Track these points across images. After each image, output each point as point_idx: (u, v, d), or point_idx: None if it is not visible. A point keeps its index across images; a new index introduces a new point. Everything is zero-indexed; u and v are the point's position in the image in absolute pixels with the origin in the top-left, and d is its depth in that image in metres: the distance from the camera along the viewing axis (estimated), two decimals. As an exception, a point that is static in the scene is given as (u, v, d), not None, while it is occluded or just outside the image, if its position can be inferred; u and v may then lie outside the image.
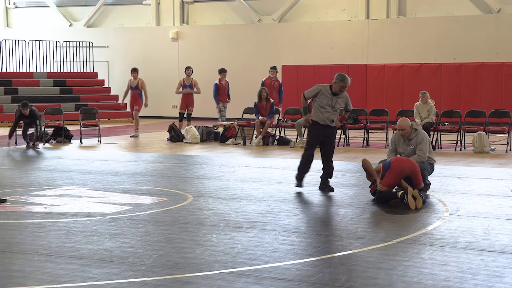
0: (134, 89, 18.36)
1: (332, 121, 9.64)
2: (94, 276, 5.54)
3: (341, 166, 12.60)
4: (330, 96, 9.66)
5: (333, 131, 9.78)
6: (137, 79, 18.37)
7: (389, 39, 23.50)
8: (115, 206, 8.56)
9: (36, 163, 13.32)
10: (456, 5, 22.97)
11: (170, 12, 26.95)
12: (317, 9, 24.80)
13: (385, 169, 8.61)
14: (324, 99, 9.65)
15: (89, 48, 27.24)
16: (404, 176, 8.56)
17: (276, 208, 8.38)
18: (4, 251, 6.36)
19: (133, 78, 18.37)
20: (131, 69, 18.65)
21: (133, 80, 18.38)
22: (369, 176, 8.83)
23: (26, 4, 29.57)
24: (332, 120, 9.64)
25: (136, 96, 18.43)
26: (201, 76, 25.32)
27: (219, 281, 5.40)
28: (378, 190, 8.62)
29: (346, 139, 16.24)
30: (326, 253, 6.25)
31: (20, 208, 8.48)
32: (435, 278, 5.46)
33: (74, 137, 17.53)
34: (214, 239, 6.78)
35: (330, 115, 9.63)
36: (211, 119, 23.03)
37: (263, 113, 16.54)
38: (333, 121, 9.65)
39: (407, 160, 8.81)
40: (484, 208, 8.36)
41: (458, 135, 15.25)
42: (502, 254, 6.19)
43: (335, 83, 9.69)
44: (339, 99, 9.71)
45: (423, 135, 9.32)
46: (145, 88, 18.50)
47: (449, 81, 21.90)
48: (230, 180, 10.73)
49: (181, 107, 18.39)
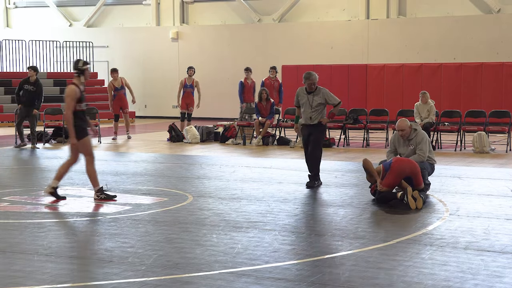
0: (120, 89, 17.94)
1: (310, 119, 10.05)
2: (94, 276, 5.54)
3: (341, 166, 12.60)
4: (306, 96, 10.10)
5: (316, 128, 10.11)
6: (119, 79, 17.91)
7: (389, 39, 23.50)
8: (115, 206, 8.56)
9: (36, 163, 13.31)
10: (456, 5, 22.97)
11: (170, 12, 26.95)
12: (317, 9, 24.80)
13: (386, 170, 8.61)
14: (302, 99, 10.15)
15: (89, 48, 27.24)
16: (404, 176, 8.55)
17: (276, 208, 8.38)
18: (5, 251, 6.36)
19: (113, 78, 17.83)
20: (111, 69, 18.23)
21: (113, 80, 17.94)
22: (369, 177, 8.83)
23: (26, 4, 29.58)
24: (310, 118, 10.04)
25: (122, 96, 18.12)
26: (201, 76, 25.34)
27: (219, 281, 5.40)
28: (378, 190, 8.62)
29: (346, 139, 16.24)
30: (326, 253, 6.25)
31: (20, 208, 8.48)
32: (435, 278, 5.46)
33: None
34: (214, 239, 6.78)
35: (308, 113, 10.06)
36: (211, 119, 23.03)
37: (263, 113, 16.54)
38: (310, 118, 10.05)
39: (407, 160, 8.80)
40: (484, 208, 8.36)
41: (458, 135, 15.26)
42: (502, 254, 6.20)
43: (304, 82, 10.13)
44: (315, 96, 10.08)
45: (422, 135, 9.32)
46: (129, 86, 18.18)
47: (449, 81, 21.89)
48: (230, 180, 10.73)
49: (182, 107, 18.29)
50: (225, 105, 25.08)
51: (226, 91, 25.55)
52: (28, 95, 15.57)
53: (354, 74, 23.13)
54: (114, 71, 18.01)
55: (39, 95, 15.72)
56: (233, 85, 25.63)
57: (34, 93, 15.61)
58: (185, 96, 18.26)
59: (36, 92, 15.62)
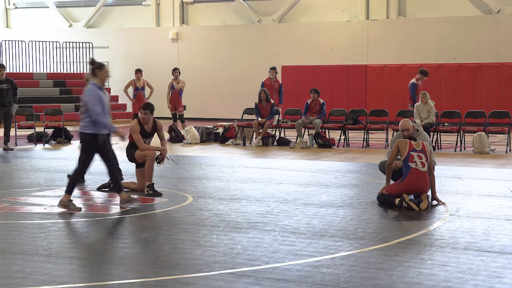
0: (140, 90, 18.19)
1: None
2: (94, 276, 5.54)
3: (341, 167, 12.60)
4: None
5: None
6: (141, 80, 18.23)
7: (389, 40, 23.50)
8: (115, 206, 8.56)
9: (36, 163, 13.30)
10: (456, 6, 22.98)
11: (170, 13, 26.96)
12: (317, 10, 24.80)
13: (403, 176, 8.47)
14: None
15: (89, 49, 27.23)
16: (410, 194, 8.49)
17: (276, 208, 8.38)
18: (4, 252, 6.36)
19: (137, 78, 18.23)
20: (136, 69, 18.53)
21: (137, 80, 18.21)
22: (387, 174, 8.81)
23: (26, 5, 29.57)
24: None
25: (141, 97, 18.18)
26: (201, 76, 25.37)
27: (219, 281, 5.39)
28: (380, 192, 8.65)
29: (346, 139, 16.24)
30: (326, 253, 6.25)
31: (20, 209, 8.48)
32: (435, 279, 5.46)
33: (74, 137, 17.51)
34: (214, 239, 6.78)
35: None
36: (211, 120, 23.02)
37: (263, 114, 16.54)
38: None
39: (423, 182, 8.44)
40: (484, 208, 8.36)
41: (458, 135, 15.26)
42: (502, 255, 6.19)
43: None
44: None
45: (424, 135, 9.31)
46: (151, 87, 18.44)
47: (449, 82, 21.90)
48: (230, 180, 10.73)
49: (171, 109, 18.24)
50: (225, 106, 25.07)
51: (226, 92, 25.54)
52: (4, 93, 15.45)
53: (354, 74, 23.12)
54: (138, 71, 18.34)
55: (15, 89, 15.71)
56: (233, 86, 25.68)
57: (9, 90, 15.53)
58: (172, 97, 18.12)
59: (12, 87, 15.61)
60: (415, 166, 8.39)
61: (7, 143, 15.50)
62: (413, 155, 8.43)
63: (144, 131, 9.54)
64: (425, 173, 8.44)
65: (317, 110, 16.29)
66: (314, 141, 15.97)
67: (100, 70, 8.32)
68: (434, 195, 8.66)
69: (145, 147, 9.47)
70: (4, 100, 15.44)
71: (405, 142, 8.57)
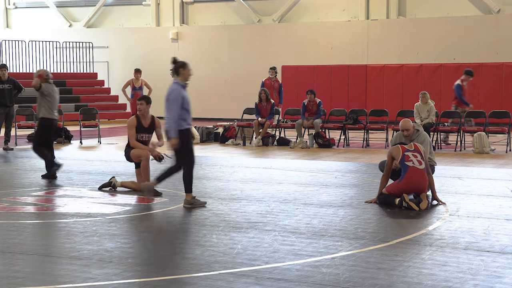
0: (138, 89, 18.28)
1: None
2: (94, 276, 5.54)
3: (341, 167, 12.60)
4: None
5: None
6: (140, 80, 18.32)
7: (389, 40, 23.50)
8: (115, 206, 8.56)
9: (36, 163, 13.29)
10: (456, 6, 22.97)
11: (170, 13, 26.96)
12: (317, 10, 24.80)
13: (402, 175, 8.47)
14: None
15: (89, 49, 27.24)
16: (410, 193, 8.49)
17: (276, 208, 8.38)
18: (4, 252, 6.36)
19: (136, 78, 18.31)
20: (135, 69, 18.60)
21: (135, 80, 18.30)
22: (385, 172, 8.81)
23: (26, 5, 29.57)
24: None
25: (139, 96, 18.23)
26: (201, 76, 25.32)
27: (219, 281, 5.39)
28: (380, 192, 8.65)
29: (346, 139, 16.24)
30: (326, 253, 6.25)
31: (20, 209, 8.48)
32: (435, 279, 5.46)
33: (74, 137, 17.52)
34: (214, 239, 6.78)
35: None
36: (211, 120, 23.02)
37: (264, 114, 16.54)
38: None
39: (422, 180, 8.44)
40: (484, 208, 8.36)
41: (458, 135, 15.26)
42: (502, 255, 6.20)
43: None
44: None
45: (424, 136, 9.30)
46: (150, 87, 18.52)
47: (449, 81, 21.83)
48: (230, 180, 10.73)
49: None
50: (225, 106, 25.07)
51: (226, 92, 25.54)
52: (6, 94, 15.45)
53: (354, 74, 23.12)
54: (137, 71, 18.48)
55: (20, 89, 15.75)
56: (233, 86, 25.68)
57: (11, 91, 15.53)
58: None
59: (15, 88, 15.63)
60: (412, 164, 8.42)
61: (7, 143, 15.50)
62: (408, 155, 8.47)
63: (141, 126, 9.53)
64: (423, 170, 8.45)
65: (315, 110, 16.28)
66: (314, 141, 15.97)
67: (184, 69, 8.64)
68: (434, 195, 8.67)
69: (135, 143, 9.48)
70: (6, 100, 15.45)
71: (397, 148, 8.66)
